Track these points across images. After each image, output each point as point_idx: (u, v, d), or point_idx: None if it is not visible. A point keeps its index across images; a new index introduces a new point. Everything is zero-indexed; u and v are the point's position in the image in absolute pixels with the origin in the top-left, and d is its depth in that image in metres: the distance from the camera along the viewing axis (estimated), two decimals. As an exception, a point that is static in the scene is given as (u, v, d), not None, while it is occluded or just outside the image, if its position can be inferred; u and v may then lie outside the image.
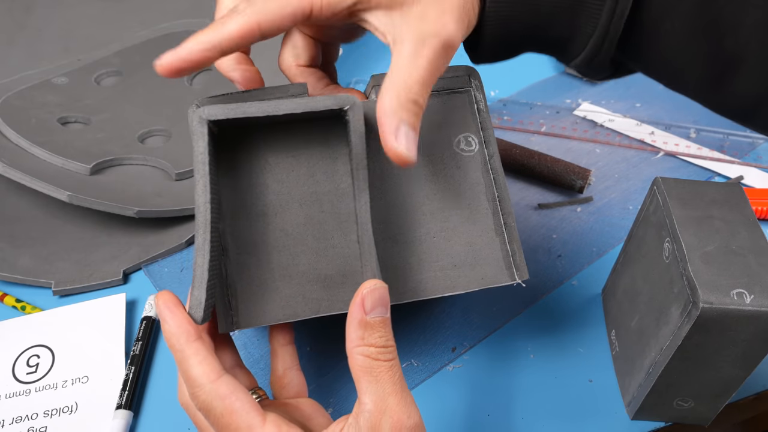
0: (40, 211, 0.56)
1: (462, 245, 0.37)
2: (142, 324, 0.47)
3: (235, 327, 0.35)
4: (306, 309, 0.35)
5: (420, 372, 0.45)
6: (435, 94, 0.38)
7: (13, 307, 0.50)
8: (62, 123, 0.61)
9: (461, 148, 0.37)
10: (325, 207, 0.36)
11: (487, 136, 0.38)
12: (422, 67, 0.32)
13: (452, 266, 0.36)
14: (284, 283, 0.35)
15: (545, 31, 0.36)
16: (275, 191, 0.36)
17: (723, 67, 0.35)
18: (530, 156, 0.58)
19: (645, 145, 0.63)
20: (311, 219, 0.36)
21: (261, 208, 0.36)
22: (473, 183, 0.37)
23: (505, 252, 0.37)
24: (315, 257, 0.36)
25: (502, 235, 0.37)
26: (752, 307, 0.32)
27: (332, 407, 0.43)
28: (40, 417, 0.43)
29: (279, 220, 0.36)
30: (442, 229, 0.37)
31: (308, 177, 0.36)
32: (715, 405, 0.39)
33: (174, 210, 0.54)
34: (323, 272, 0.35)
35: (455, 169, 0.37)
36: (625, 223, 0.55)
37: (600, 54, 0.36)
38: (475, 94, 0.38)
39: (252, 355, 0.46)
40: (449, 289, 0.36)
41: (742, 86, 0.35)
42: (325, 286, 0.35)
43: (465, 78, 0.39)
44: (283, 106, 0.33)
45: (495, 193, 0.37)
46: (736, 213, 0.37)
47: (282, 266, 0.35)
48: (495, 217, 0.37)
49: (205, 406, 0.31)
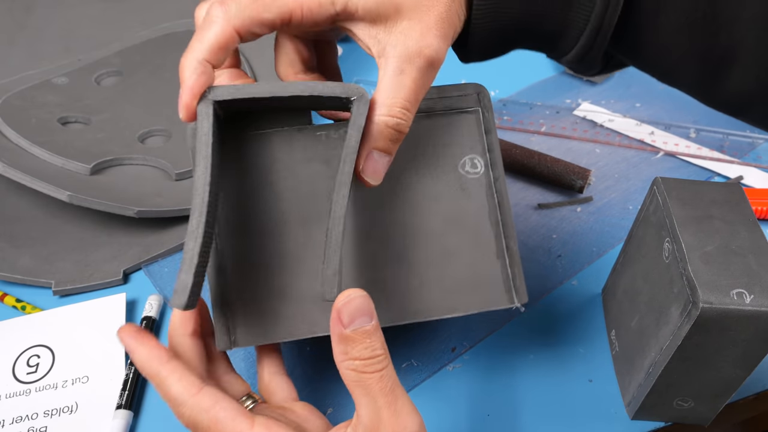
0: (40, 211, 0.56)
1: (464, 268, 0.37)
2: (142, 324, 0.47)
3: (233, 345, 0.35)
4: (304, 329, 0.35)
5: (420, 372, 0.45)
6: (442, 114, 0.37)
7: (13, 307, 0.50)
8: (62, 123, 0.61)
9: (467, 170, 0.37)
10: (325, 228, 0.36)
11: (493, 158, 0.37)
12: (407, 87, 0.32)
13: (454, 289, 0.36)
14: (283, 303, 0.35)
15: (537, 26, 0.36)
16: (278, 210, 0.36)
17: (717, 61, 0.35)
18: (530, 156, 0.58)
19: (645, 145, 0.63)
20: (311, 239, 0.36)
21: (263, 226, 0.35)
22: (477, 206, 0.37)
23: (506, 275, 0.37)
24: (314, 278, 0.35)
25: (503, 258, 0.37)
26: (752, 307, 0.32)
27: (332, 407, 0.43)
28: (41, 417, 0.43)
29: (280, 240, 0.35)
30: (444, 251, 0.37)
31: (309, 197, 0.36)
32: (715, 405, 0.39)
33: (174, 210, 0.54)
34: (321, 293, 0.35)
35: (460, 191, 0.37)
36: (625, 223, 0.55)
37: (593, 49, 0.36)
38: (484, 114, 0.38)
39: (252, 355, 0.46)
40: (450, 311, 0.36)
41: (736, 80, 0.35)
42: (323, 308, 0.35)
43: (474, 97, 0.38)
44: (291, 87, 0.32)
45: (498, 216, 0.37)
46: (736, 213, 0.37)
47: (281, 286, 0.35)
48: (497, 241, 0.37)
49: (192, 422, 0.31)
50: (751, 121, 0.38)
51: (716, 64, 0.35)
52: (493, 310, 0.37)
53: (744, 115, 0.37)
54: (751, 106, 0.36)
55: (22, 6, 0.73)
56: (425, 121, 0.37)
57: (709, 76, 0.35)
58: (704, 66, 0.35)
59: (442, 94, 0.37)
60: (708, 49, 0.34)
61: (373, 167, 0.33)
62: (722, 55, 0.34)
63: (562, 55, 0.37)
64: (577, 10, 0.34)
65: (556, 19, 0.35)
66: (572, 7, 0.34)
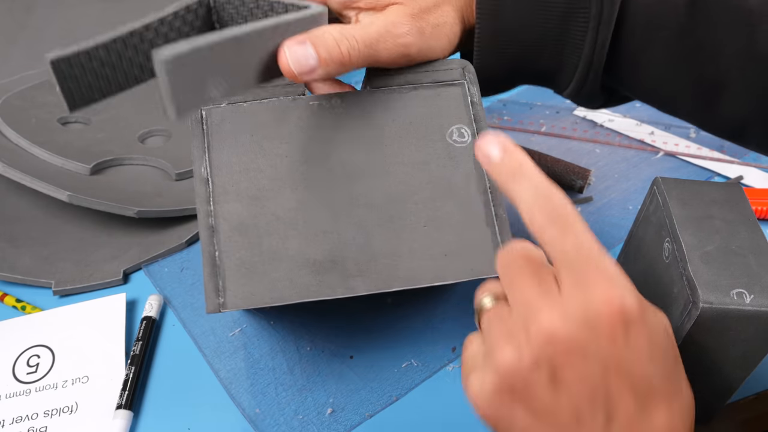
0: (40, 211, 0.56)
1: (453, 235, 0.37)
2: (142, 324, 0.47)
3: (221, 308, 0.35)
4: (293, 293, 0.35)
5: (420, 372, 0.45)
6: (429, 86, 0.39)
7: (13, 307, 0.50)
8: (62, 123, 0.61)
9: (454, 140, 0.38)
10: (317, 193, 0.36)
11: (479, 128, 0.38)
12: (373, 32, 0.35)
13: (442, 256, 0.36)
14: (273, 266, 0.35)
15: (533, 64, 0.38)
16: (268, 176, 0.36)
17: (708, 92, 0.37)
18: (530, 156, 0.58)
19: (645, 145, 0.63)
20: (302, 204, 0.36)
21: (254, 191, 0.36)
22: (465, 174, 0.38)
23: (496, 243, 0.37)
24: (305, 242, 0.36)
25: (492, 226, 0.37)
26: (752, 307, 0.32)
27: (331, 407, 0.43)
28: (41, 417, 0.43)
29: (271, 204, 0.36)
30: (433, 218, 0.37)
31: (301, 163, 0.37)
32: (715, 405, 0.39)
33: (174, 210, 0.54)
34: (312, 257, 0.36)
35: (448, 160, 0.38)
36: (625, 223, 0.55)
37: (587, 84, 0.38)
38: (469, 87, 0.39)
39: (252, 355, 0.46)
40: (439, 278, 0.36)
41: (728, 109, 0.36)
42: (313, 272, 0.35)
43: (459, 71, 0.39)
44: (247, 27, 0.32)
45: (487, 184, 0.38)
46: (736, 213, 0.37)
47: (271, 250, 0.36)
48: (486, 208, 0.37)
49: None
50: (750, 145, 0.39)
51: (707, 93, 0.37)
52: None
53: (741, 140, 0.39)
54: (746, 131, 0.38)
55: (22, 6, 0.73)
56: (412, 92, 0.38)
57: (703, 104, 0.37)
58: (696, 95, 0.37)
59: (428, 68, 0.39)
60: (697, 82, 0.36)
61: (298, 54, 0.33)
62: (712, 84, 0.36)
63: (563, 90, 0.40)
64: (570, 49, 0.37)
65: (551, 57, 0.38)
66: (565, 46, 0.37)
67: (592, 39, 0.36)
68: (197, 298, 0.50)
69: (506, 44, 0.37)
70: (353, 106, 0.37)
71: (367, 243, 0.36)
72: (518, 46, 0.37)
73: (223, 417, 0.42)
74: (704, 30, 0.35)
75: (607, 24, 0.35)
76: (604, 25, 0.35)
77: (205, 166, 0.36)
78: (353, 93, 0.38)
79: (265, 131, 0.37)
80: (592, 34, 0.36)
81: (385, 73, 0.38)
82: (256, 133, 0.37)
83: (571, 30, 0.36)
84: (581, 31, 0.36)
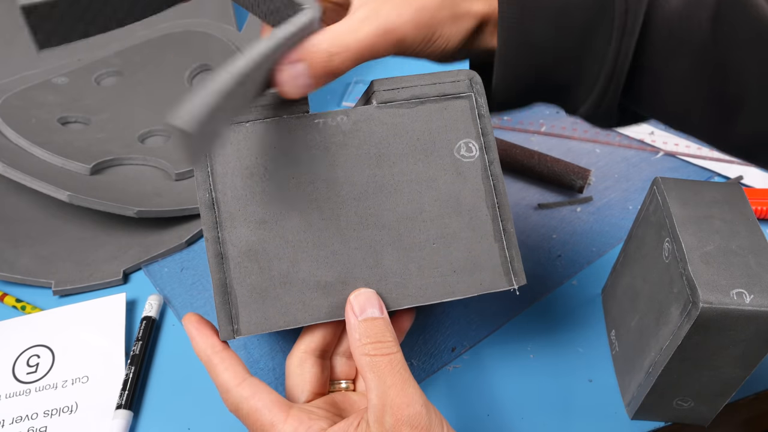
0: (40, 211, 0.56)
1: (461, 251, 0.37)
2: (142, 324, 0.47)
3: (236, 335, 0.35)
4: (306, 316, 0.35)
5: (420, 372, 0.45)
6: (436, 100, 0.38)
7: (13, 307, 0.50)
8: (62, 123, 0.61)
9: (462, 155, 0.37)
10: (325, 214, 0.36)
11: (487, 142, 0.38)
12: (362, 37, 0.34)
13: (452, 272, 0.37)
14: (284, 290, 0.35)
15: (552, 77, 0.37)
16: (275, 198, 0.36)
17: (726, 107, 0.36)
18: (530, 156, 0.58)
19: (645, 145, 0.63)
20: (311, 226, 0.36)
21: (261, 215, 0.36)
22: (473, 189, 0.37)
23: (504, 258, 0.37)
24: (315, 264, 0.36)
25: (501, 241, 0.37)
26: (752, 307, 0.32)
27: (332, 407, 0.43)
28: (40, 417, 0.43)
29: (279, 228, 0.36)
30: (442, 235, 0.37)
31: (308, 183, 0.36)
32: (715, 405, 0.39)
33: (174, 210, 0.54)
34: (323, 279, 0.35)
35: (455, 176, 0.37)
36: (625, 223, 0.55)
37: (606, 96, 0.37)
38: (477, 99, 0.38)
39: (252, 355, 0.46)
40: (448, 294, 0.36)
41: (744, 126, 0.36)
42: (324, 293, 0.35)
43: (466, 83, 0.38)
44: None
45: (495, 199, 0.37)
46: (736, 213, 0.37)
47: (282, 274, 0.35)
48: (494, 223, 0.37)
49: (234, 408, 0.34)
50: (761, 163, 0.39)
51: (725, 111, 0.36)
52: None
53: (756, 159, 0.39)
54: (762, 150, 0.37)
55: (22, 6, 0.73)
56: (419, 107, 0.38)
57: (720, 121, 0.37)
58: (714, 111, 0.36)
59: (434, 80, 0.38)
60: (717, 97, 0.36)
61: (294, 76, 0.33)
62: (730, 100, 0.35)
63: (579, 106, 0.39)
64: (591, 59, 0.36)
65: (571, 68, 0.37)
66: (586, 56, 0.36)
67: (616, 49, 0.35)
68: (197, 298, 0.50)
69: (527, 56, 0.37)
70: (359, 124, 0.37)
71: (377, 263, 0.36)
72: (539, 58, 0.37)
73: (223, 417, 0.42)
74: (727, 46, 0.34)
75: (630, 35, 0.35)
76: (627, 35, 0.35)
77: (209, 191, 0.36)
78: (359, 110, 0.37)
79: (269, 152, 0.36)
80: (615, 44, 0.35)
81: (390, 86, 0.38)
82: (260, 155, 0.36)
83: (594, 41, 0.36)
84: (604, 41, 0.36)
